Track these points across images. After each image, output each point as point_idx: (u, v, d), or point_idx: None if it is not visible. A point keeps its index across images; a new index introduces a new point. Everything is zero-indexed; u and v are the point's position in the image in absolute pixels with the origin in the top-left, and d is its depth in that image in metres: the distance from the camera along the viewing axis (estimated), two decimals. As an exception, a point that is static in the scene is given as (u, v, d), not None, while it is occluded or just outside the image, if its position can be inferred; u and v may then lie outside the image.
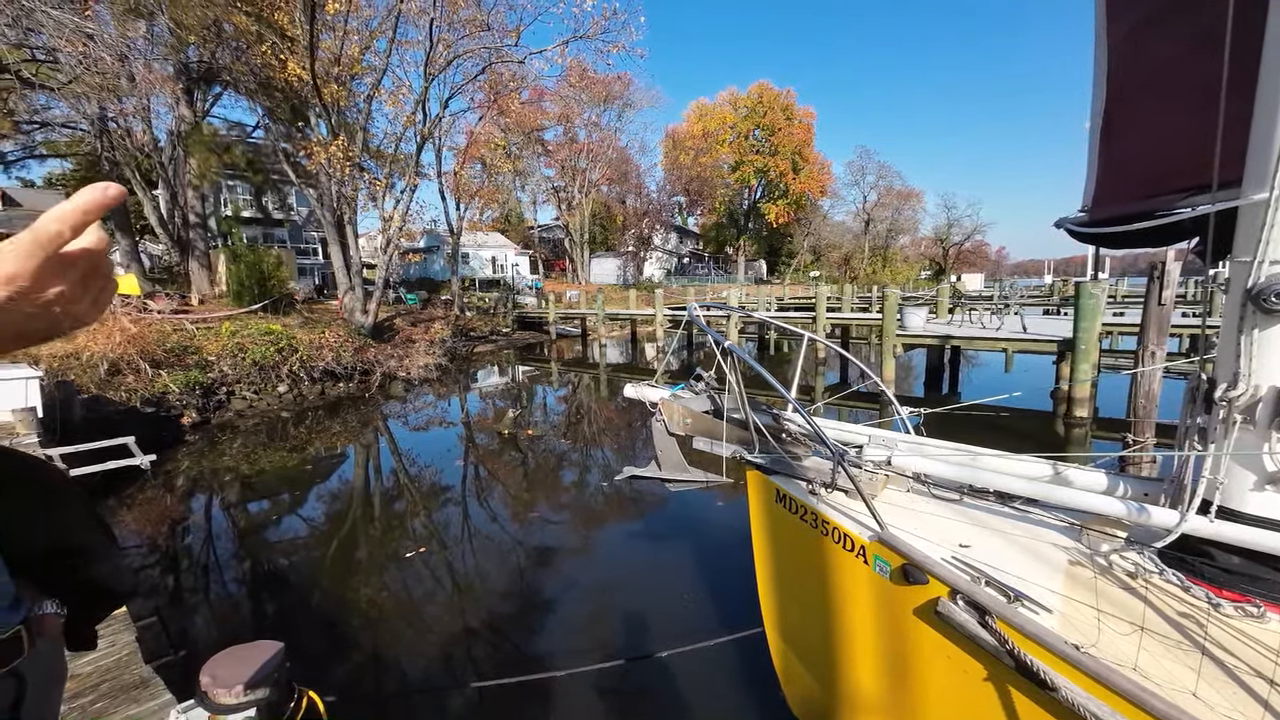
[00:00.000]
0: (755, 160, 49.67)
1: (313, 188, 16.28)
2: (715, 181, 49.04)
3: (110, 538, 0.74)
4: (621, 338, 25.52)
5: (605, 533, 5.93)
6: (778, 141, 49.21)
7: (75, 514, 0.69)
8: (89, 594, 0.72)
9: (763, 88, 50.25)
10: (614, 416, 11.51)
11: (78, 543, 0.69)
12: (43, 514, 0.60)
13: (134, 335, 10.17)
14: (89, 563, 0.70)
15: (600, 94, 36.43)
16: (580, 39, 16.38)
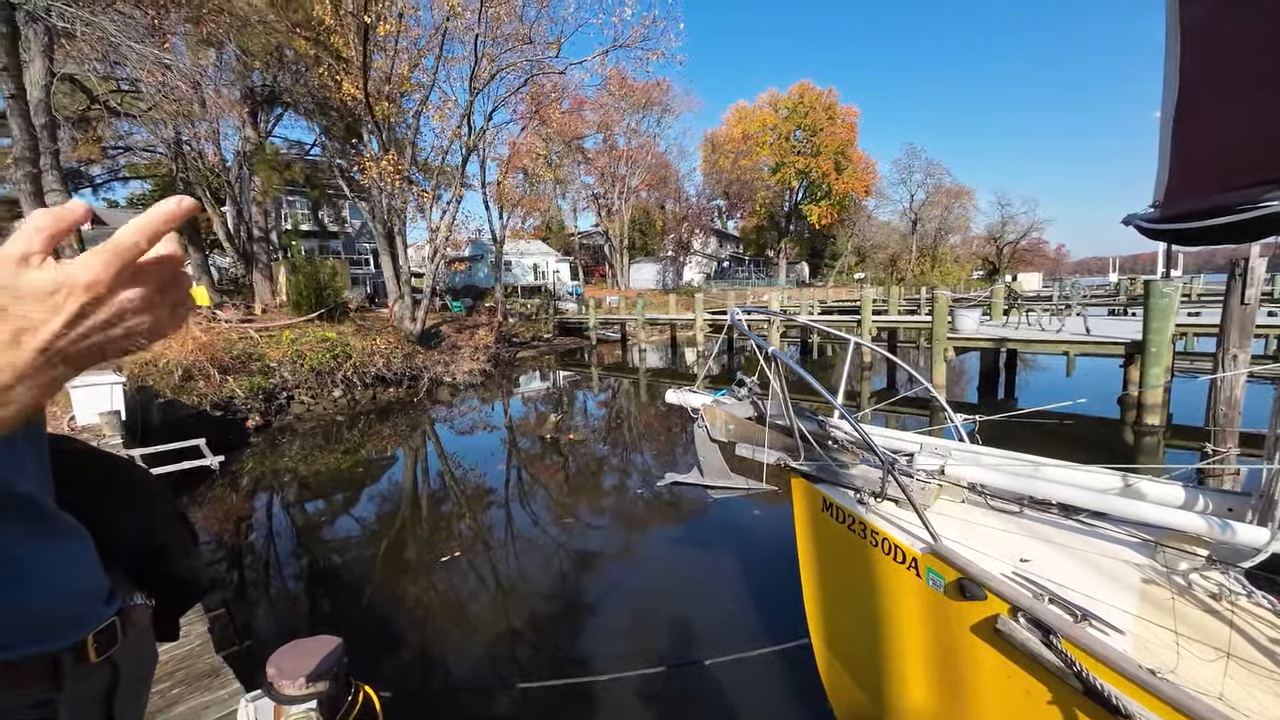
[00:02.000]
0: (796, 161, 48.93)
1: (365, 201, 17.02)
2: (755, 184, 48.56)
3: (192, 536, 0.79)
4: (661, 342, 25.53)
5: (646, 537, 5.92)
6: (820, 142, 48.34)
7: (162, 513, 0.75)
8: (172, 588, 0.77)
9: (804, 88, 49.51)
10: (653, 421, 11.51)
11: (164, 540, 0.75)
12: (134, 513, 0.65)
13: (205, 343, 10.85)
14: (173, 559, 0.76)
15: (639, 101, 36.67)
16: (620, 48, 16.56)
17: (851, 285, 47.60)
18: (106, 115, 15.03)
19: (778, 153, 49.06)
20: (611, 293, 34.88)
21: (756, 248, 57.13)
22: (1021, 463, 1.95)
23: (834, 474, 1.94)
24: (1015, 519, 1.89)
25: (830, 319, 18.43)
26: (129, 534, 0.71)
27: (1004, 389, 12.21)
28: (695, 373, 17.34)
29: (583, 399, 14.41)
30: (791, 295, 33.82)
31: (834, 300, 33.87)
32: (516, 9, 15.61)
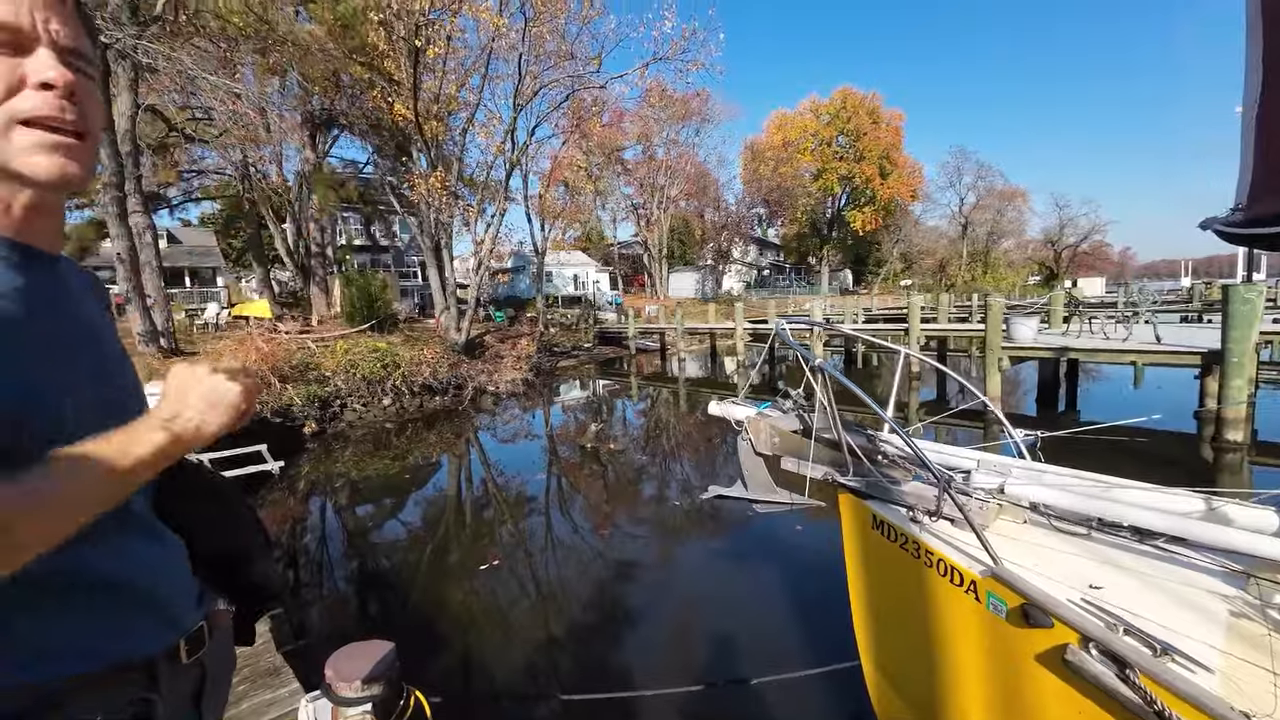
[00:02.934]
0: (839, 167, 48.09)
1: (414, 216, 17.69)
2: (796, 191, 47.88)
3: (268, 542, 0.84)
4: (700, 352, 25.39)
5: (686, 549, 5.87)
6: (863, 147, 47.39)
7: (243, 520, 0.79)
8: (249, 592, 0.82)
9: (846, 93, 48.72)
10: (692, 431, 11.44)
11: (244, 546, 0.79)
12: (218, 520, 0.69)
13: (266, 353, 11.46)
14: (252, 564, 0.80)
15: (679, 112, 36.82)
16: (659, 60, 16.71)
17: (897, 292, 46.23)
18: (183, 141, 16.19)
19: (819, 159, 48.36)
20: (650, 302, 34.98)
21: (798, 255, 56.27)
22: (1090, 482, 1.84)
23: (884, 491, 1.88)
24: (1082, 542, 1.77)
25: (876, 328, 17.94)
26: (213, 540, 0.76)
27: (1064, 401, 11.56)
28: (735, 383, 17.15)
29: (622, 408, 14.46)
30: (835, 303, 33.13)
31: (879, 308, 32.97)
32: (559, 27, 15.99)
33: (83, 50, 0.58)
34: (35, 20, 0.54)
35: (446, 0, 13.70)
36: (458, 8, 14.09)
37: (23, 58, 0.54)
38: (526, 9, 14.63)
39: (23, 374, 0.53)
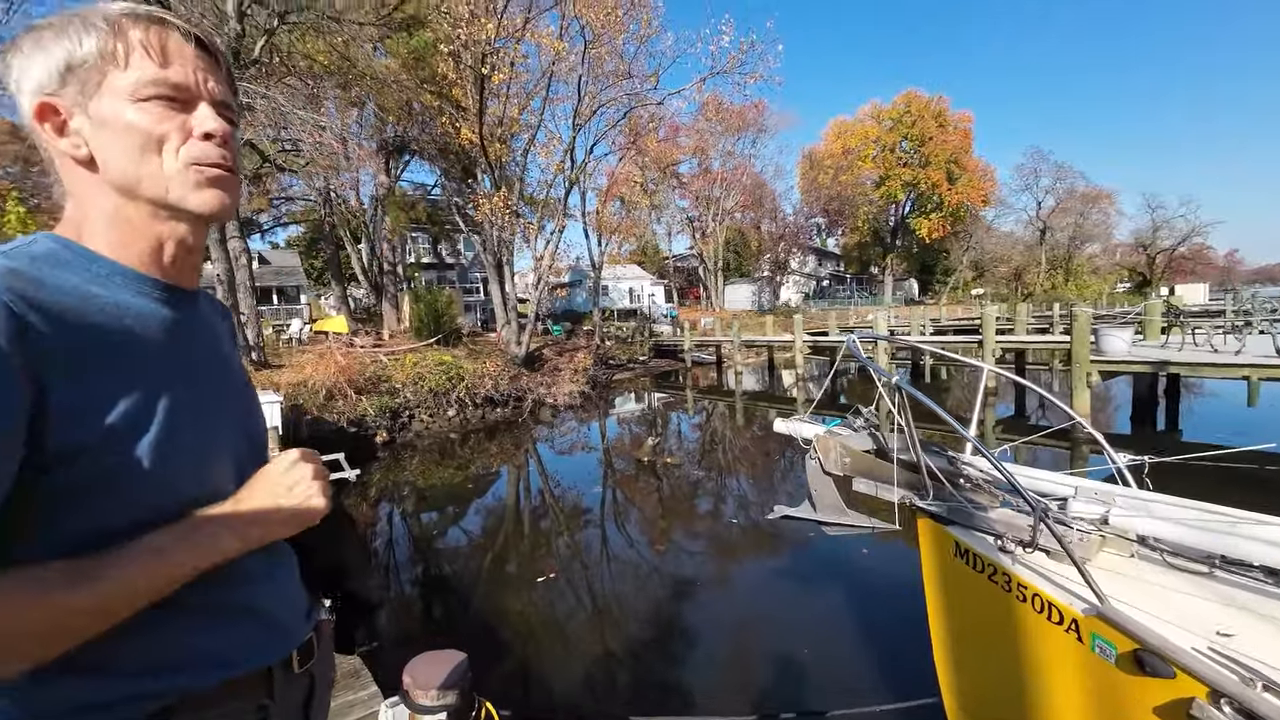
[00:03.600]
0: (903, 174, 46.42)
1: (478, 234, 18.45)
2: (857, 199, 46.58)
3: (368, 556, 0.88)
4: (757, 365, 24.96)
5: (745, 568, 5.73)
6: (929, 151, 45.56)
7: (348, 535, 0.83)
8: (350, 604, 0.86)
9: (910, 97, 47.12)
10: (750, 446, 11.22)
11: (347, 560, 0.83)
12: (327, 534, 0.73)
13: (343, 366, 12.19)
14: (353, 577, 0.84)
15: (735, 124, 36.75)
16: (717, 74, 16.75)
17: (968, 302, 43.87)
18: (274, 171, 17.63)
19: (882, 165, 46.86)
20: (706, 314, 34.79)
21: (859, 265, 54.55)
22: (1209, 514, 1.65)
23: (969, 517, 1.75)
24: (1203, 582, 1.59)
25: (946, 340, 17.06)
26: (321, 554, 0.80)
27: (1164, 420, 10.55)
28: (794, 396, 16.73)
29: (677, 422, 14.39)
30: (900, 314, 31.78)
31: (949, 319, 31.38)
32: (617, 47, 16.35)
33: (230, 103, 0.67)
34: (198, 80, 0.63)
35: (511, 29, 14.32)
36: (521, 35, 14.70)
37: (189, 113, 0.63)
38: (586, 32, 15.07)
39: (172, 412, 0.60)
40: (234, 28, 10.70)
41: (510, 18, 14.21)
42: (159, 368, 0.61)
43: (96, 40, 0.59)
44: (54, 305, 0.53)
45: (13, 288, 0.52)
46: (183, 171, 0.62)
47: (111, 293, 0.60)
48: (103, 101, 0.60)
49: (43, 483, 0.52)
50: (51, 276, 0.55)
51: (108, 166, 0.61)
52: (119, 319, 0.59)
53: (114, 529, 0.55)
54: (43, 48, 0.59)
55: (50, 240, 0.60)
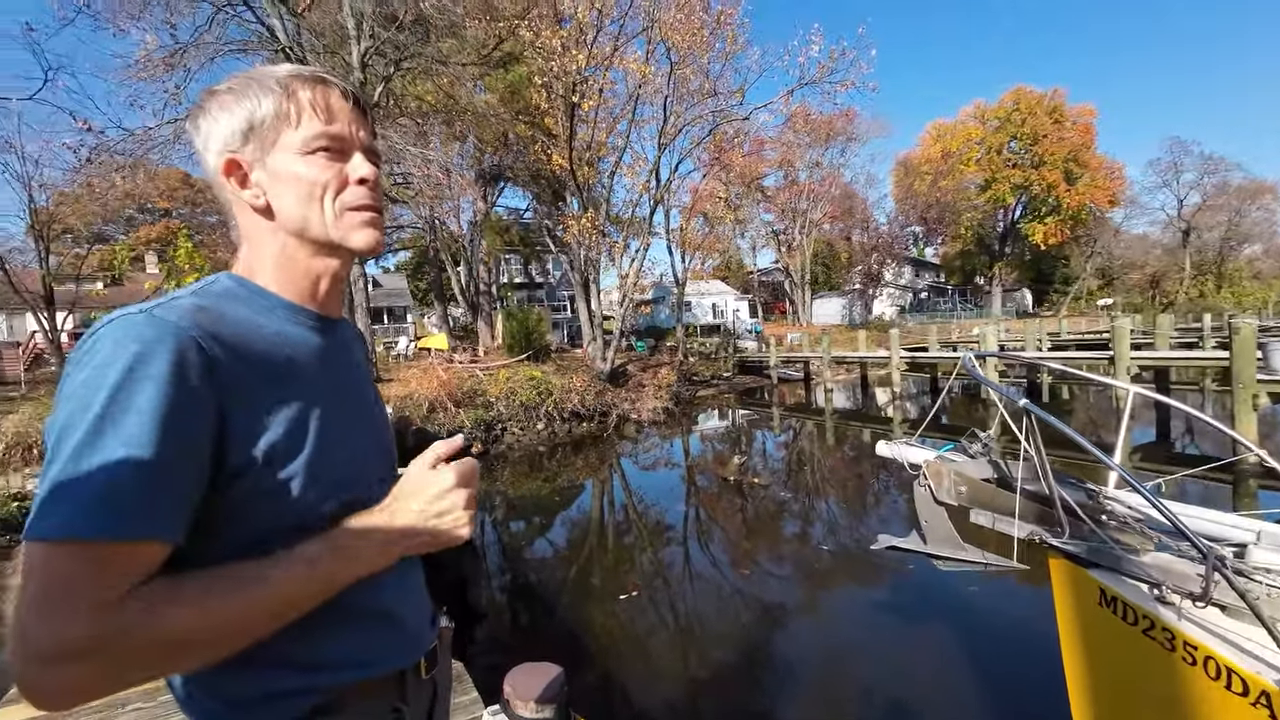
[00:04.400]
0: (1012, 176, 42.82)
1: (566, 254, 19.19)
2: (959, 206, 43.45)
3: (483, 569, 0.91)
4: (849, 382, 23.78)
5: (836, 597, 5.40)
6: (1042, 150, 41.74)
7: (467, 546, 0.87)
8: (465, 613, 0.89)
9: (1019, 94, 43.56)
10: (840, 468, 10.65)
11: (466, 572, 0.87)
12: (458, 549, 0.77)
13: (444, 381, 13.04)
14: (471, 587, 0.87)
15: (823, 133, 35.71)
16: (806, 85, 16.42)
17: (1093, 314, 39.35)
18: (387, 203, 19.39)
19: (987, 168, 43.49)
20: (793, 329, 33.77)
21: (962, 275, 50.77)
22: None
23: (1117, 561, 1.52)
24: None
25: (1068, 356, 15.36)
26: (445, 565, 0.85)
27: (1362, 451, 8.78)
28: (890, 416, 15.73)
29: (762, 440, 13.98)
30: (1011, 328, 29.12)
31: (1070, 333, 28.30)
32: (703, 66, 16.50)
33: (376, 149, 0.75)
34: (353, 131, 0.71)
35: (600, 58, 14.89)
36: (610, 63, 15.24)
37: (345, 161, 0.70)
38: (672, 54, 15.35)
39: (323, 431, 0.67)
40: (357, 77, 11.95)
41: (599, 47, 14.79)
42: (313, 390, 0.67)
43: (273, 102, 0.67)
44: (232, 338, 0.60)
45: (201, 324, 0.58)
46: (342, 214, 0.70)
47: (275, 323, 0.68)
48: (278, 156, 0.67)
49: (221, 496, 0.59)
50: (230, 310, 0.63)
51: (280, 212, 0.69)
52: (281, 348, 0.66)
53: (277, 533, 0.61)
54: (226, 110, 0.67)
55: (229, 279, 0.69)
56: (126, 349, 0.53)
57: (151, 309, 0.58)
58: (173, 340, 0.55)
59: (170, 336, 0.55)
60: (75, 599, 0.49)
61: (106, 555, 0.50)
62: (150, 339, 0.54)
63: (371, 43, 11.85)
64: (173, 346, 0.55)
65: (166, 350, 0.54)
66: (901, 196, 44.18)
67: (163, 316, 0.57)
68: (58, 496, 0.50)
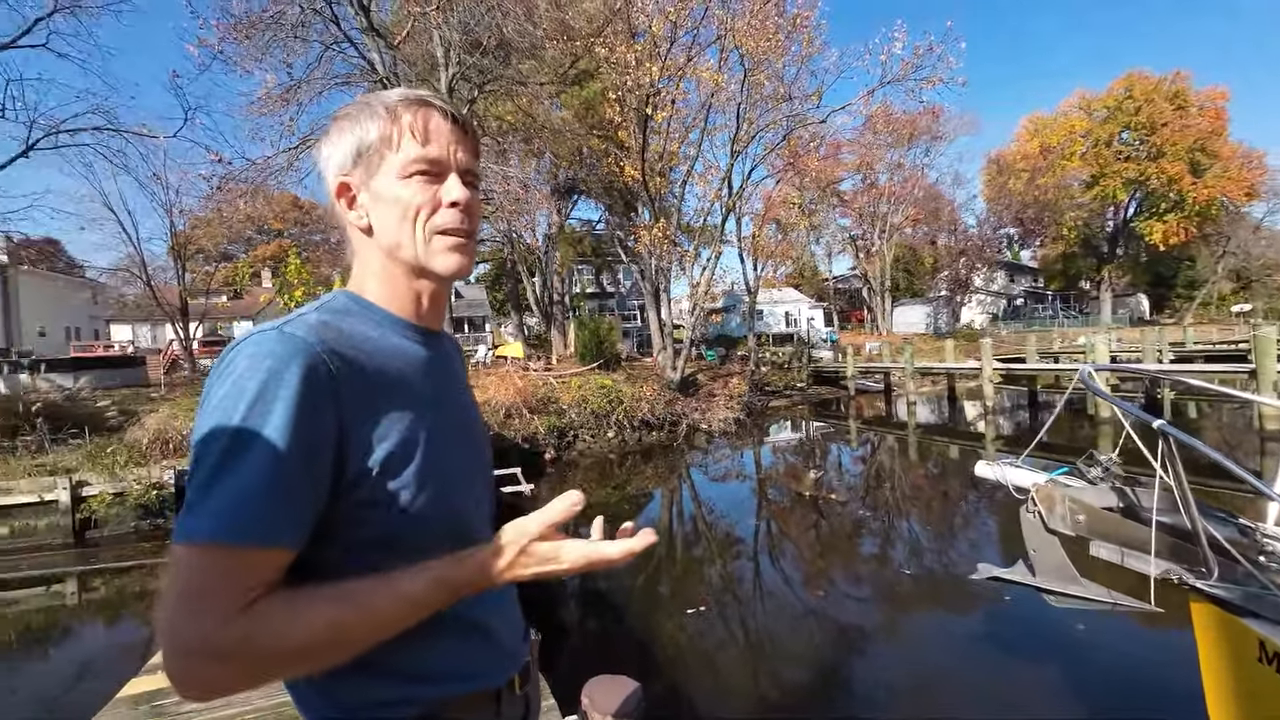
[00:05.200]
0: (1124, 169, 38.86)
1: (637, 264, 19.39)
2: (1060, 204, 39.88)
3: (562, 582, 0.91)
4: (933, 394, 22.36)
5: (920, 625, 5.03)
6: (1161, 141, 37.60)
7: None
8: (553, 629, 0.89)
9: (1132, 79, 39.58)
10: (924, 486, 10.00)
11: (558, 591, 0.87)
12: None
13: (520, 388, 13.49)
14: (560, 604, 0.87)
15: (905, 133, 34.04)
16: (888, 84, 15.75)
17: (1226, 321, 34.78)
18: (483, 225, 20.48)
19: (1094, 163, 39.69)
20: (871, 338, 32.27)
21: (1063, 280, 46.59)
22: None
23: (1282, 610, 1.30)
24: None
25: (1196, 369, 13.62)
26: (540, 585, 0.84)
27: None
28: (981, 432, 14.61)
29: (838, 454, 13.40)
30: (1124, 337, 26.30)
31: (1197, 342, 25.15)
32: (777, 71, 16.22)
33: (474, 169, 0.75)
34: (450, 153, 0.71)
35: (674, 68, 15.00)
36: (683, 73, 15.32)
37: (440, 183, 0.71)
38: (746, 60, 15.19)
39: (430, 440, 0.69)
40: (444, 101, 12.71)
41: (673, 58, 14.91)
42: (420, 401, 0.70)
43: (379, 127, 0.69)
44: (350, 352, 0.64)
45: (325, 339, 0.62)
46: (432, 238, 0.71)
47: (385, 337, 0.71)
48: (380, 179, 0.70)
49: (337, 504, 0.61)
50: (348, 326, 0.67)
51: (379, 233, 0.72)
52: (391, 360, 0.69)
53: (390, 538, 0.64)
54: (342, 135, 0.71)
55: (344, 295, 0.73)
56: (261, 364, 0.57)
57: (282, 326, 0.62)
58: (302, 356, 0.58)
59: (300, 353, 0.59)
60: (209, 600, 0.53)
61: (238, 560, 0.54)
62: (282, 355, 0.58)
63: (458, 69, 12.59)
64: (302, 362, 0.58)
65: (297, 366, 0.58)
66: (993, 196, 41.17)
67: (293, 333, 0.60)
68: (200, 503, 0.54)
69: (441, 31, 12.17)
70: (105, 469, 8.73)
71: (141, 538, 8.46)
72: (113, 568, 7.60)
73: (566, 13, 13.54)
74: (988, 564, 1.87)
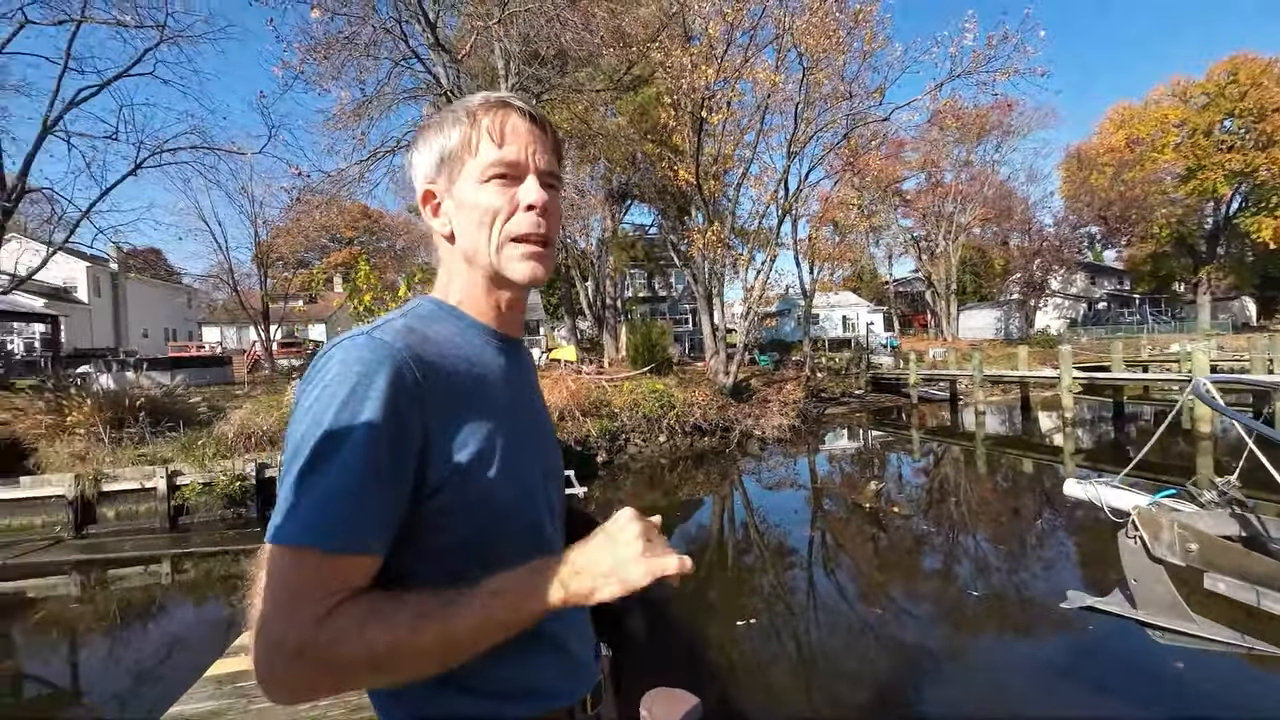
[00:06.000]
0: (1227, 160, 35.41)
1: (689, 268, 19.28)
2: (1151, 200, 36.76)
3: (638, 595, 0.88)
4: (1004, 404, 21.07)
5: (991, 648, 4.72)
6: (1273, 128, 34.03)
7: None
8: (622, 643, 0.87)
9: (1237, 62, 36.06)
10: (994, 501, 9.41)
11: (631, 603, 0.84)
12: None
13: (574, 391, 13.67)
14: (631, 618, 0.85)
15: (975, 129, 32.31)
16: (957, 78, 15.00)
17: (1353, 328, 31.02)
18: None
19: (1190, 154, 36.36)
20: (935, 344, 30.80)
21: (1153, 282, 42.96)
22: None
23: None
24: None
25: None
26: None
27: None
28: (1059, 445, 13.63)
29: (898, 465, 12.83)
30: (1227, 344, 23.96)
31: (1317, 351, 22.50)
32: (838, 69, 15.76)
33: (554, 170, 0.73)
34: (528, 155, 0.70)
35: (730, 70, 14.85)
36: (739, 75, 15.14)
37: (517, 186, 0.70)
38: (804, 59, 14.85)
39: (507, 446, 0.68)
40: (504, 112, 13.10)
41: (729, 59, 14.77)
42: (499, 409, 0.70)
43: (459, 132, 0.70)
44: (434, 358, 0.64)
45: (411, 345, 0.62)
46: (508, 244, 0.69)
47: (468, 344, 0.71)
48: (461, 184, 0.70)
49: (420, 509, 0.61)
50: (432, 332, 0.67)
51: (459, 240, 0.72)
52: (473, 367, 0.69)
53: (467, 544, 0.64)
54: (427, 143, 0.72)
55: (429, 302, 0.73)
56: (352, 369, 0.58)
57: (371, 331, 0.62)
58: (390, 362, 0.59)
59: (388, 359, 0.59)
60: (295, 601, 0.53)
61: (323, 563, 0.55)
62: (371, 360, 0.58)
63: (517, 79, 12.95)
64: (390, 368, 0.58)
65: (385, 371, 0.58)
66: (1073, 193, 38.44)
67: (381, 338, 0.61)
68: (292, 506, 0.55)
69: (503, 44, 12.56)
70: (196, 460, 9.47)
71: (226, 525, 9.12)
72: (201, 552, 8.23)
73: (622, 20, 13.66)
74: (1078, 591, 1.71)
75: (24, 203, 13.55)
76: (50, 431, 9.60)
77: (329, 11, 11.21)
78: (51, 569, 7.83)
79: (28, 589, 7.38)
